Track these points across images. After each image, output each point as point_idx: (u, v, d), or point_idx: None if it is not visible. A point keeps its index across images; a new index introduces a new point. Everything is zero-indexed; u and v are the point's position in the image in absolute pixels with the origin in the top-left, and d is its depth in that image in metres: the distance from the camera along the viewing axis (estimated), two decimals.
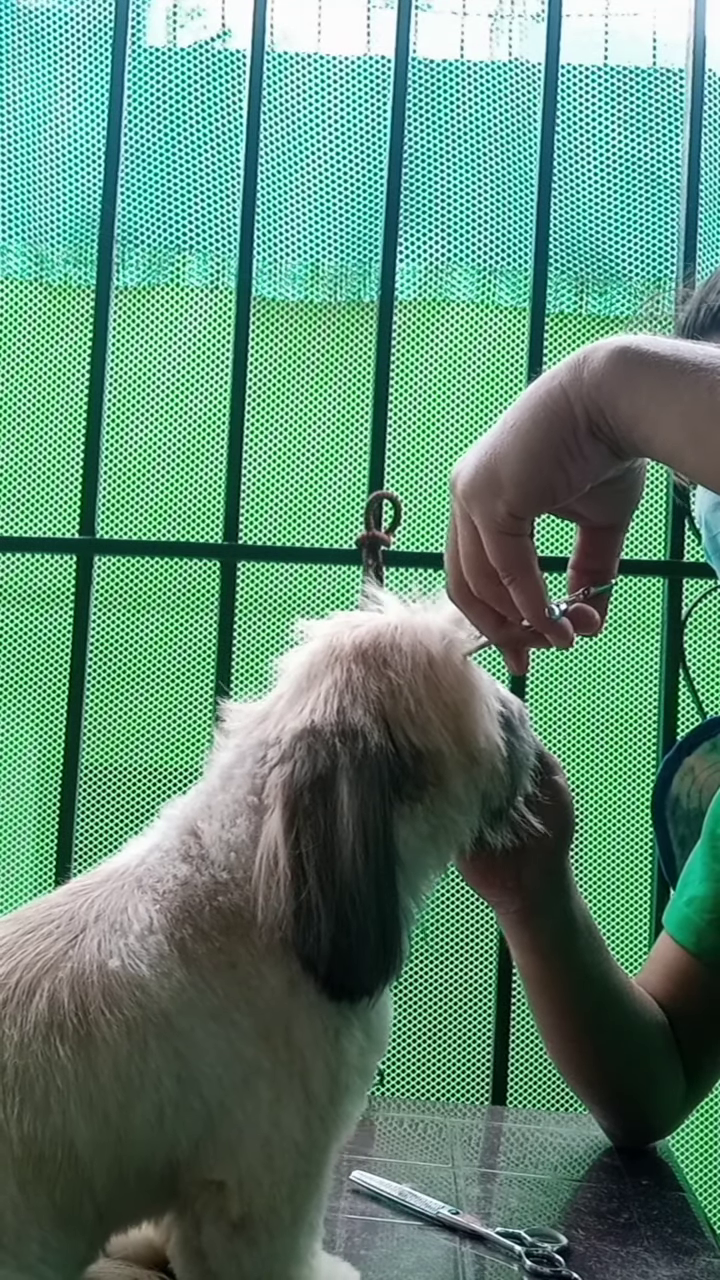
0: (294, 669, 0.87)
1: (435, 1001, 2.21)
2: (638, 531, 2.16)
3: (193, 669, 2.19)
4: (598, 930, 1.16)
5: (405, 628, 0.85)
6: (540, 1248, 0.98)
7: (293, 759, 0.80)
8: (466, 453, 0.81)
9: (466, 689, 0.84)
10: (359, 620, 0.87)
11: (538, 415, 0.77)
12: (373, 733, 0.80)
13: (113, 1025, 0.76)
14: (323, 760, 0.79)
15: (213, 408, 2.04)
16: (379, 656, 0.84)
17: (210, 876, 0.81)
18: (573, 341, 2.25)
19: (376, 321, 1.60)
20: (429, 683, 0.83)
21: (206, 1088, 0.77)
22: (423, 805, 0.82)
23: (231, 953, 0.79)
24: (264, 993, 0.79)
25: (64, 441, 2.23)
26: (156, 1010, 0.77)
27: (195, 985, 0.78)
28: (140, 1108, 0.76)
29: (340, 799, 0.78)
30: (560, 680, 2.26)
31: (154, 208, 2.22)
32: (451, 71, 2.19)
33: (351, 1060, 0.81)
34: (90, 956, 0.78)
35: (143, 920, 0.79)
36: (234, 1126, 0.78)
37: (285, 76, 2.16)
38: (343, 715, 0.81)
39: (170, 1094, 0.76)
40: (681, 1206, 1.09)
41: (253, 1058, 0.78)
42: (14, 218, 2.23)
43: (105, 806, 2.08)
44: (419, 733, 0.82)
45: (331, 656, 0.84)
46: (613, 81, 2.18)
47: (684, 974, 1.22)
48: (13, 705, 2.32)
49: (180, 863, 0.82)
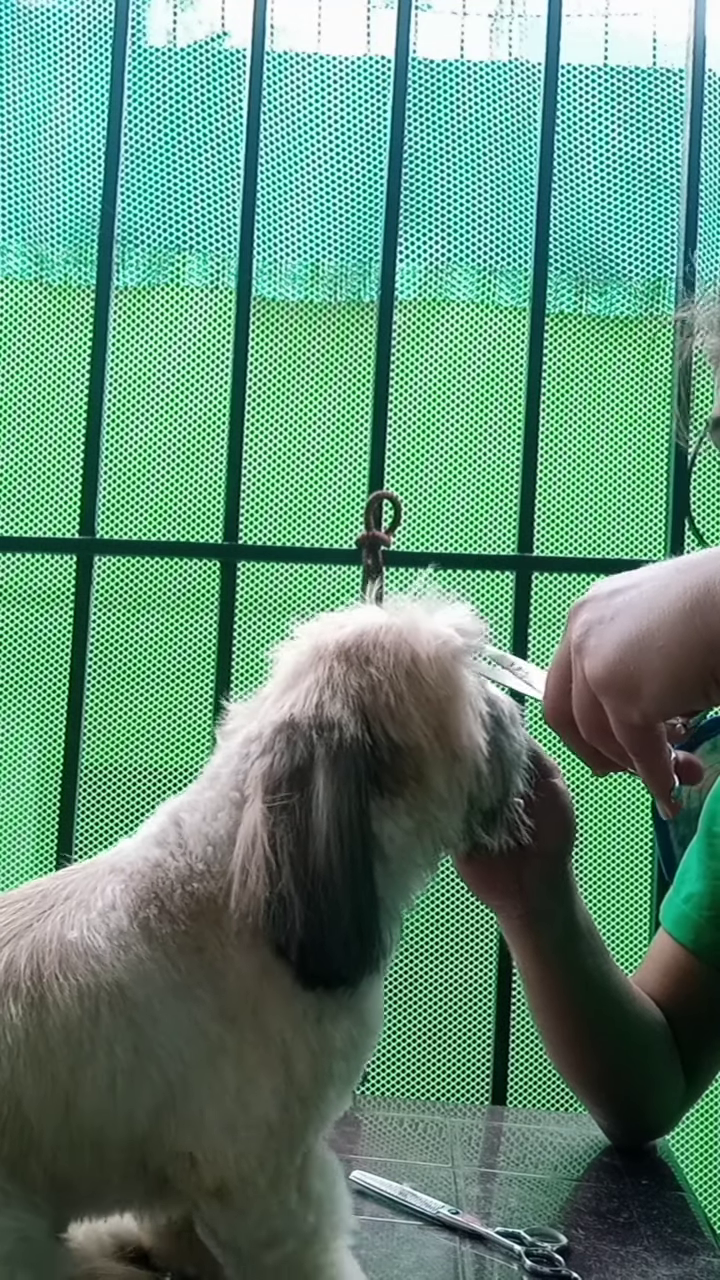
0: (280, 668, 0.88)
1: (435, 1001, 2.20)
2: (638, 531, 2.16)
3: (193, 669, 2.18)
4: (598, 933, 1.15)
5: (390, 627, 0.86)
6: (540, 1247, 0.98)
7: (271, 751, 0.81)
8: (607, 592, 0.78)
9: (449, 687, 0.84)
10: (345, 620, 0.88)
11: (693, 624, 0.73)
12: (349, 725, 0.81)
13: (65, 990, 0.78)
14: (300, 751, 0.80)
15: (213, 408, 2.04)
16: (361, 654, 0.85)
17: (185, 864, 0.82)
18: (573, 341, 2.26)
19: (376, 321, 1.60)
20: (411, 679, 0.83)
21: (165, 1060, 0.79)
22: (404, 800, 0.83)
23: (199, 937, 0.80)
24: (230, 976, 0.80)
25: (64, 441, 2.22)
26: (110, 979, 0.78)
27: (155, 960, 0.79)
28: (90, 1072, 0.77)
29: (316, 789, 0.79)
30: None
31: (154, 208, 2.22)
32: (451, 71, 2.18)
33: (337, 1045, 0.81)
34: (52, 928, 0.80)
35: (106, 898, 0.82)
36: (196, 1102, 0.79)
37: (285, 76, 2.16)
38: (321, 709, 0.82)
39: (123, 1062, 0.78)
40: (681, 1206, 1.09)
41: (217, 1036, 0.79)
42: (14, 218, 2.22)
43: (105, 806, 2.08)
44: (398, 728, 0.82)
45: (315, 655, 0.86)
46: (613, 81, 2.17)
47: (682, 971, 1.22)
48: (13, 705, 2.32)
49: (154, 847, 0.84)
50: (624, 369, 2.27)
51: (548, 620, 1.83)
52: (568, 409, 2.25)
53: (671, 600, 0.75)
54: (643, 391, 2.25)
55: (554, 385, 1.94)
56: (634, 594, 0.78)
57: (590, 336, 2.27)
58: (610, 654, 0.76)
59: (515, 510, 1.62)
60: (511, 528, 1.63)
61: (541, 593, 1.67)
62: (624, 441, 2.26)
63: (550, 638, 2.09)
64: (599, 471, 2.26)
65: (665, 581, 0.76)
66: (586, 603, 0.81)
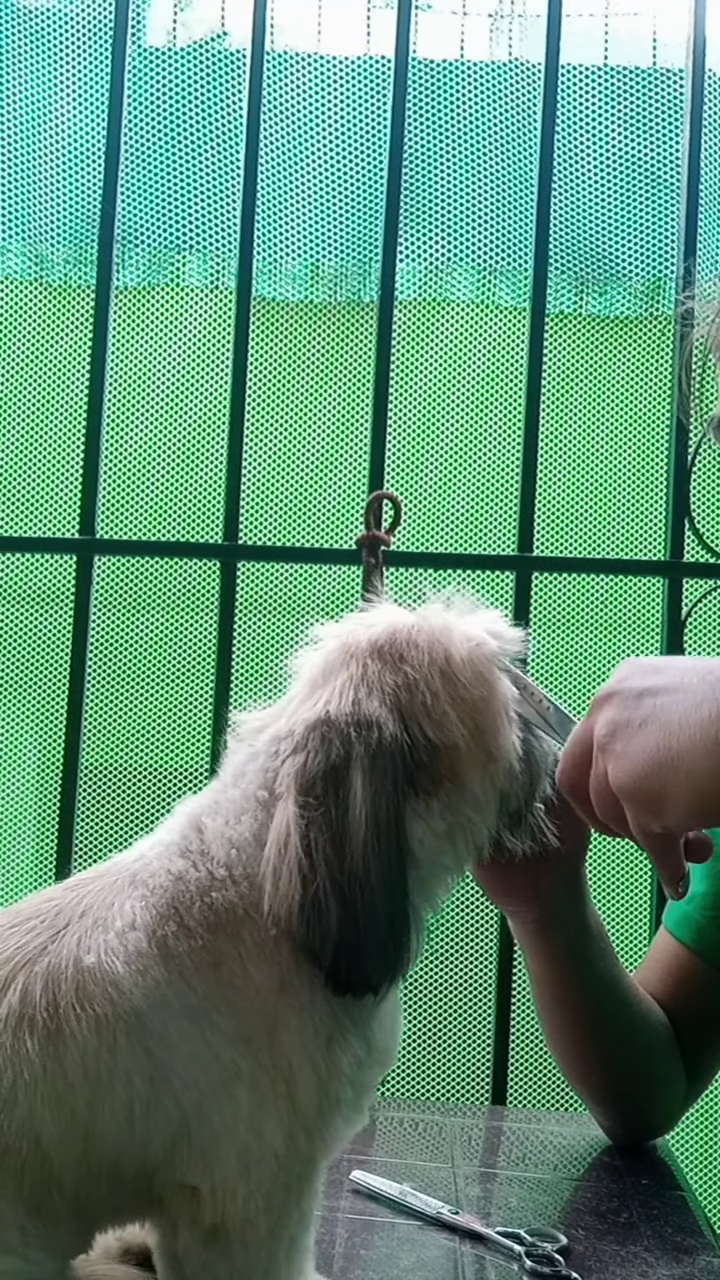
0: (308, 669, 0.86)
1: (435, 1001, 2.20)
2: (638, 531, 2.16)
3: (193, 669, 2.18)
4: (607, 935, 1.16)
5: (423, 627, 0.85)
6: (540, 1247, 0.98)
7: (305, 749, 0.79)
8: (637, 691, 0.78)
9: (485, 687, 0.84)
10: (374, 620, 0.87)
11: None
12: (388, 723, 0.79)
13: (82, 1021, 0.76)
14: (336, 750, 0.78)
15: (213, 408, 2.04)
16: (395, 652, 0.83)
17: (207, 872, 0.80)
18: (573, 341, 2.26)
19: (376, 321, 1.60)
20: (446, 679, 0.82)
21: (180, 1089, 0.77)
22: (439, 801, 0.82)
23: (215, 951, 0.78)
24: (248, 993, 0.78)
25: (64, 441, 2.22)
26: (128, 1008, 0.76)
27: (171, 984, 0.77)
28: (108, 1105, 0.76)
29: (354, 789, 0.77)
30: (561, 681, 2.26)
31: (154, 208, 2.22)
32: (451, 71, 2.18)
33: (344, 1070, 0.80)
34: (68, 952, 0.78)
35: (125, 917, 0.79)
36: (210, 1131, 0.77)
37: (285, 76, 2.16)
38: (358, 706, 0.80)
39: (140, 1093, 0.76)
40: (681, 1206, 1.09)
41: (231, 1061, 0.77)
42: (14, 218, 2.22)
43: (105, 806, 2.08)
44: (435, 727, 0.81)
45: (346, 654, 0.84)
46: (613, 81, 2.17)
47: (684, 970, 1.22)
48: (13, 705, 2.32)
49: (177, 858, 0.82)
50: (624, 369, 2.27)
51: (548, 620, 1.83)
52: (568, 409, 2.25)
53: (703, 722, 0.76)
54: (643, 391, 2.24)
55: (554, 385, 1.94)
56: (665, 701, 0.78)
57: (590, 336, 2.27)
58: (638, 766, 0.78)
59: (515, 510, 1.62)
60: (511, 528, 1.63)
61: (541, 593, 1.67)
62: (624, 441, 2.26)
63: (550, 638, 2.09)
64: (599, 471, 2.26)
65: (699, 697, 0.76)
66: (614, 695, 0.81)
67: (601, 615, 2.26)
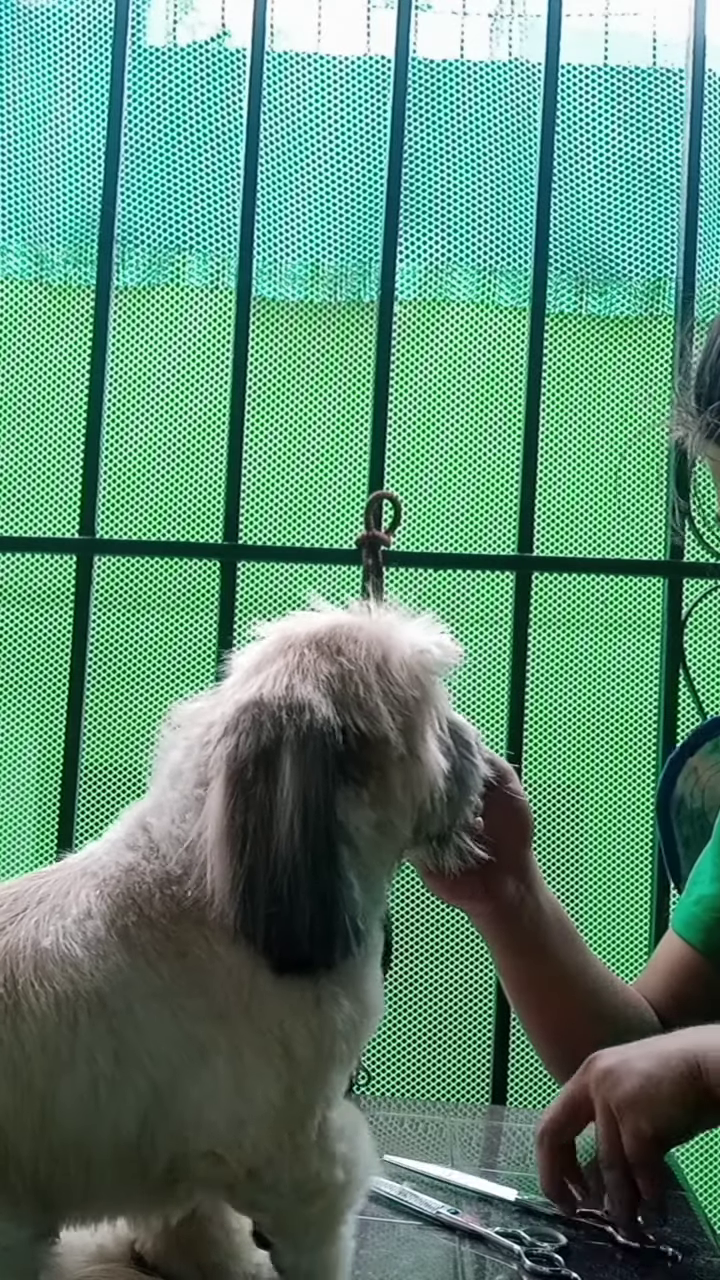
0: (244, 661, 0.87)
1: (435, 1001, 2.20)
2: (638, 531, 2.16)
3: (193, 669, 2.18)
4: (571, 924, 1.16)
5: (365, 625, 0.85)
6: (540, 1247, 0.98)
7: (236, 731, 0.79)
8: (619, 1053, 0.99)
9: (419, 689, 0.84)
10: (317, 616, 0.87)
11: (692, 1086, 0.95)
12: (320, 706, 0.79)
13: (41, 998, 0.76)
14: (267, 731, 0.78)
15: (213, 408, 2.04)
16: (333, 644, 0.83)
17: (159, 867, 0.81)
18: (573, 341, 2.26)
19: (376, 321, 1.60)
20: (381, 674, 0.82)
21: (150, 1066, 0.77)
22: (368, 792, 0.82)
23: (181, 940, 0.79)
24: (218, 974, 0.79)
25: (64, 441, 2.22)
26: (89, 988, 0.77)
27: (135, 968, 0.78)
28: (69, 1080, 0.76)
29: (283, 770, 0.78)
30: (560, 680, 2.26)
31: (154, 208, 2.22)
32: (451, 71, 2.18)
33: (338, 1027, 0.81)
34: (26, 934, 0.79)
35: (81, 905, 0.80)
36: (188, 1104, 0.78)
37: (285, 76, 2.16)
38: (290, 690, 0.80)
39: (105, 1070, 0.77)
40: (681, 1206, 1.09)
41: (207, 1036, 0.78)
42: (14, 218, 2.22)
43: (105, 806, 2.08)
44: (366, 718, 0.81)
45: (284, 643, 0.84)
46: (613, 81, 2.17)
47: (690, 972, 1.22)
48: (13, 705, 2.32)
49: (125, 851, 0.83)
50: (624, 369, 2.27)
51: (548, 620, 1.83)
52: (568, 409, 2.25)
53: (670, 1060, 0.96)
54: (643, 391, 2.25)
55: (554, 385, 1.94)
56: (642, 1050, 0.98)
57: (590, 336, 2.27)
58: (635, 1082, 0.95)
59: (515, 510, 1.62)
60: (511, 528, 1.63)
61: (541, 593, 1.67)
62: (624, 441, 2.26)
63: (550, 638, 2.09)
64: (599, 471, 2.26)
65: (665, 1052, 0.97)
66: (600, 1056, 0.99)
67: (601, 615, 2.26)
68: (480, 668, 1.87)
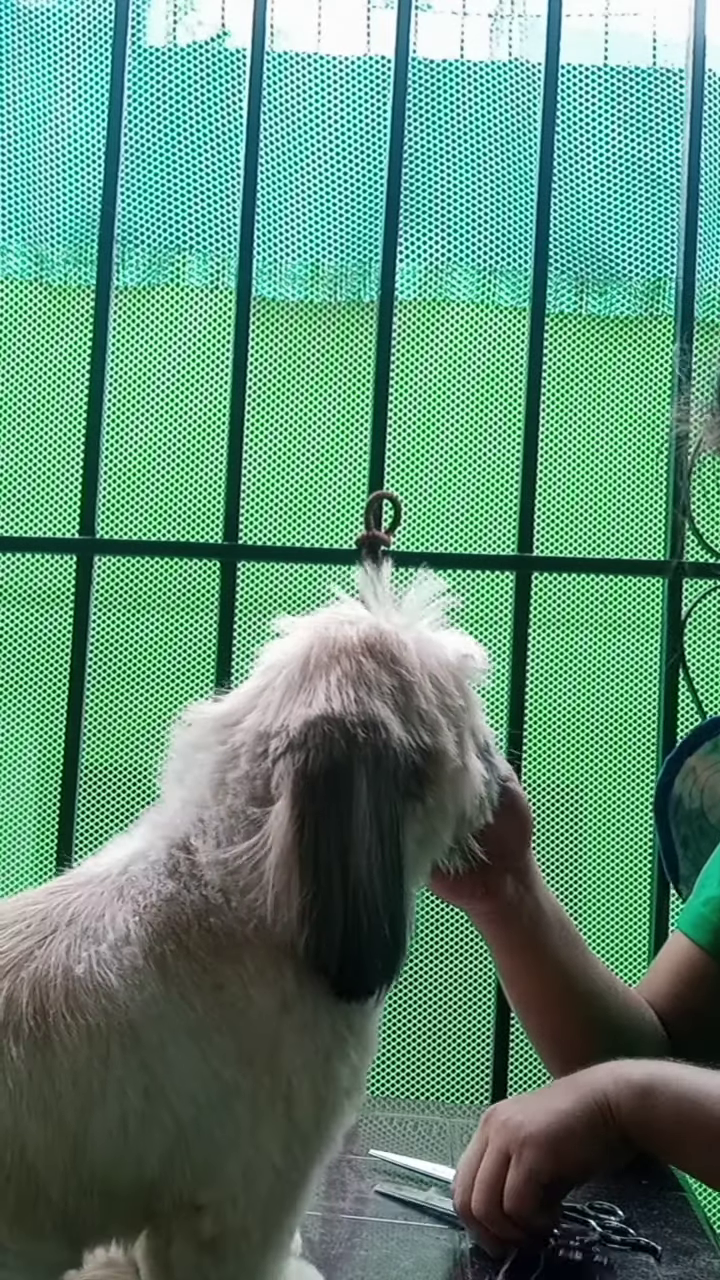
0: (285, 661, 0.83)
1: (435, 1001, 2.20)
2: (638, 531, 2.16)
3: (193, 669, 2.18)
4: (572, 925, 1.16)
5: (408, 630, 0.84)
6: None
7: (305, 747, 0.76)
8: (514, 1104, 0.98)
9: (469, 698, 0.84)
10: (353, 616, 0.85)
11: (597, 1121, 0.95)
12: (393, 723, 0.78)
13: (73, 1030, 0.73)
14: (340, 748, 0.76)
15: (213, 408, 2.04)
16: (387, 652, 0.81)
17: (200, 895, 0.78)
18: (573, 341, 2.26)
19: (376, 321, 1.60)
20: (435, 685, 0.82)
21: (178, 1104, 0.75)
22: (423, 807, 0.81)
23: (218, 974, 0.76)
24: (250, 1016, 0.76)
25: (64, 441, 2.22)
26: (123, 1020, 0.74)
27: (171, 1001, 0.75)
28: (100, 1116, 0.74)
29: (358, 790, 0.75)
30: (560, 680, 2.26)
31: (154, 208, 2.22)
32: (451, 71, 2.18)
33: (342, 1083, 0.79)
34: (56, 959, 0.75)
35: (119, 930, 0.76)
36: (212, 1147, 0.76)
37: (285, 76, 2.16)
38: (361, 704, 0.78)
39: (135, 1106, 0.74)
40: (681, 1206, 1.09)
41: (232, 1079, 0.76)
42: (14, 218, 2.22)
43: (105, 806, 2.08)
44: (429, 732, 0.80)
45: (335, 648, 0.81)
46: (613, 81, 2.17)
47: (695, 973, 1.22)
48: (13, 705, 2.32)
49: (167, 879, 0.79)
50: (624, 369, 2.27)
51: (547, 620, 1.83)
52: (568, 409, 2.25)
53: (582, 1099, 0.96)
54: (643, 391, 2.25)
55: (554, 385, 1.94)
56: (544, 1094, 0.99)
57: (590, 336, 2.27)
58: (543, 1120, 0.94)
59: (515, 510, 1.62)
60: (511, 528, 1.63)
61: (541, 593, 1.67)
62: (624, 441, 2.26)
63: (550, 638, 2.09)
64: (599, 471, 2.26)
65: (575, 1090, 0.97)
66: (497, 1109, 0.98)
67: (601, 615, 2.26)
68: None
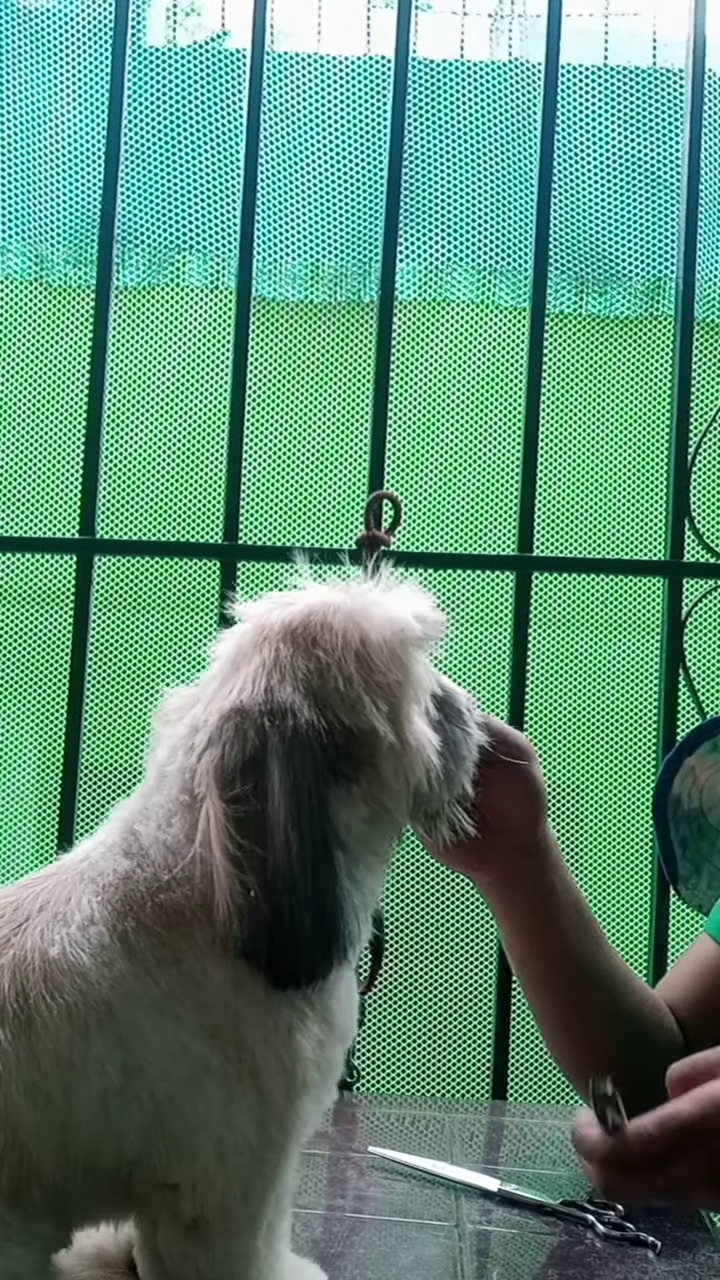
0: (224, 652, 0.84)
1: (435, 999, 2.21)
2: (638, 531, 2.16)
3: (193, 669, 2.19)
4: (590, 914, 1.14)
5: (339, 607, 0.83)
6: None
7: (220, 741, 0.78)
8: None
9: (400, 671, 0.81)
10: (291, 599, 0.85)
11: None
12: (301, 710, 0.77)
13: (53, 1010, 0.75)
14: (251, 741, 0.77)
15: (213, 408, 2.04)
16: (308, 635, 0.81)
17: (151, 874, 0.79)
18: (573, 341, 2.26)
19: (376, 321, 1.61)
20: (360, 662, 0.80)
21: (153, 1079, 0.77)
22: (359, 787, 0.80)
23: (175, 948, 0.78)
24: (209, 989, 0.77)
25: (64, 441, 2.23)
26: (97, 998, 0.76)
27: (137, 976, 0.77)
28: (83, 1093, 0.75)
29: (272, 779, 0.76)
30: (560, 680, 2.26)
31: (154, 208, 2.22)
32: (451, 71, 2.19)
33: (308, 1055, 0.79)
34: (32, 944, 0.77)
35: (84, 911, 0.78)
36: (185, 1124, 0.77)
37: (285, 76, 2.17)
38: (270, 694, 0.78)
39: (114, 1082, 0.76)
40: None
41: (200, 1054, 0.77)
42: (14, 218, 2.23)
43: (105, 806, 2.08)
44: (349, 712, 0.79)
45: (260, 636, 0.82)
46: (613, 81, 2.18)
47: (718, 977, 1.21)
48: (13, 705, 2.32)
49: (122, 858, 0.81)
50: (624, 369, 2.28)
51: (548, 620, 1.83)
52: (568, 409, 2.25)
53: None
54: (643, 391, 2.25)
55: (554, 385, 1.94)
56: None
57: (590, 336, 2.27)
58: None
59: (515, 510, 1.62)
60: (511, 528, 1.63)
61: (541, 593, 1.67)
62: (624, 441, 2.27)
63: (550, 638, 2.09)
64: (599, 471, 2.26)
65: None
66: None
67: (601, 615, 2.26)
68: (480, 668, 1.87)
